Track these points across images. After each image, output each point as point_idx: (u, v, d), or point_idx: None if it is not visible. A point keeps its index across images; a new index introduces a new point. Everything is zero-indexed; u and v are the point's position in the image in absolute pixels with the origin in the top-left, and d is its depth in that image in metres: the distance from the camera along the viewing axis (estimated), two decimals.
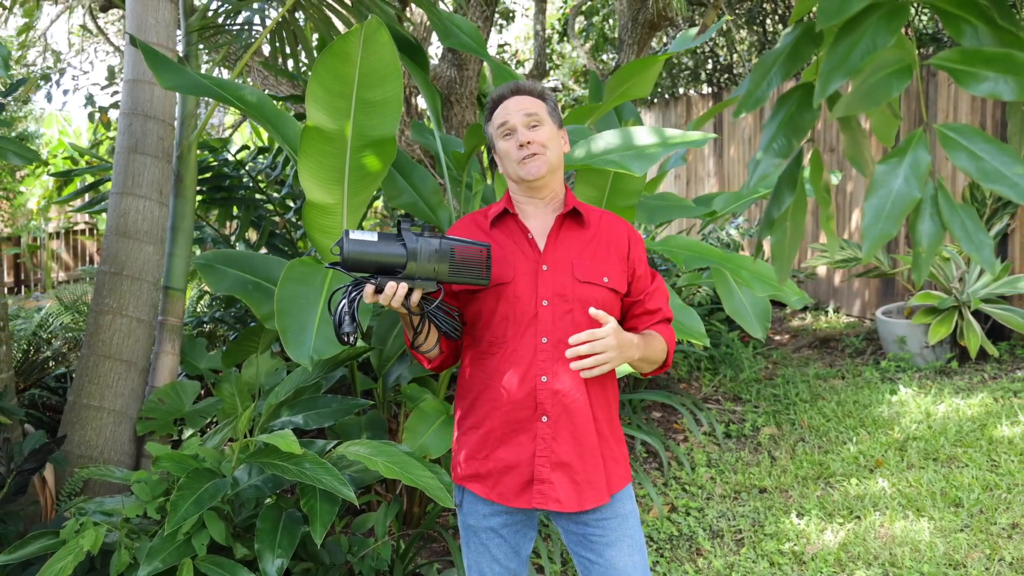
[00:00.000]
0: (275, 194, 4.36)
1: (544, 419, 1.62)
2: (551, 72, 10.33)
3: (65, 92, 11.77)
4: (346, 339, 1.51)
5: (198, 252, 4.41)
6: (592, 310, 1.54)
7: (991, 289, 4.89)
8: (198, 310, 4.75)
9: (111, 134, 6.98)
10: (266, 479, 2.21)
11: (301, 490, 2.15)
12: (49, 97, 8.65)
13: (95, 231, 10.43)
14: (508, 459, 1.64)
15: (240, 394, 2.55)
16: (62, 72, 8.38)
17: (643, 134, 2.44)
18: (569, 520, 1.70)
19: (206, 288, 4.72)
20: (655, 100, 8.95)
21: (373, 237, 1.49)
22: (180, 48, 2.94)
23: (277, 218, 4.34)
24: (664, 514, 3.30)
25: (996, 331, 5.27)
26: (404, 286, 1.50)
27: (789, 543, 3.03)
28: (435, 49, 8.81)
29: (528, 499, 1.64)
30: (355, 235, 1.48)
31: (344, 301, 1.51)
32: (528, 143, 1.64)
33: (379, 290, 1.50)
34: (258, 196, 4.21)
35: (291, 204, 4.37)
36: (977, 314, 5.00)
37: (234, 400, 2.53)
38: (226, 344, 4.06)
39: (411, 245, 1.50)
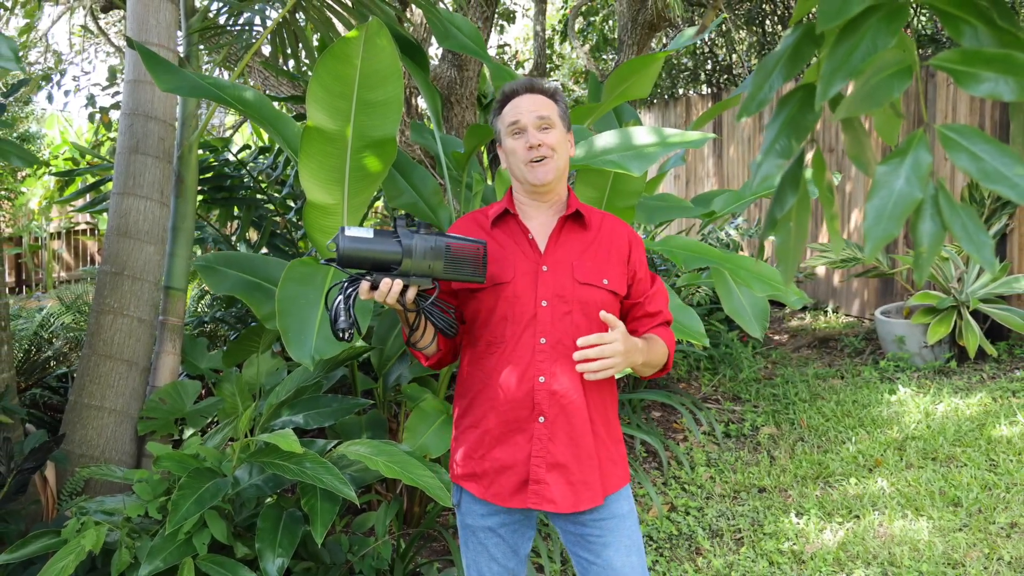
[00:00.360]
0: (276, 194, 4.37)
1: (541, 419, 1.62)
2: (551, 73, 10.33)
3: (66, 93, 11.77)
4: (341, 335, 1.51)
5: (199, 252, 4.42)
6: (603, 313, 1.54)
7: (990, 289, 4.90)
8: (199, 310, 4.76)
9: (112, 135, 6.99)
10: (267, 478, 2.21)
11: (302, 489, 2.15)
12: (50, 98, 8.66)
13: (96, 231, 10.42)
14: (504, 459, 1.64)
15: (241, 394, 2.56)
16: (63, 73, 8.37)
17: (642, 134, 2.44)
18: (567, 520, 1.70)
19: (207, 288, 4.72)
20: (655, 100, 8.96)
21: (369, 234, 1.49)
22: (181, 49, 2.95)
23: (278, 218, 4.34)
24: (663, 513, 3.30)
25: (995, 331, 5.28)
26: (399, 282, 1.50)
27: (788, 542, 3.04)
28: (435, 50, 8.81)
29: (523, 499, 1.63)
30: (351, 231, 1.48)
31: (340, 297, 1.51)
32: (538, 145, 1.64)
33: (374, 286, 1.50)
34: (259, 196, 4.21)
35: (292, 204, 4.37)
36: (976, 314, 5.01)
37: (235, 400, 2.54)
38: (227, 344, 4.07)
39: (406, 242, 1.50)
